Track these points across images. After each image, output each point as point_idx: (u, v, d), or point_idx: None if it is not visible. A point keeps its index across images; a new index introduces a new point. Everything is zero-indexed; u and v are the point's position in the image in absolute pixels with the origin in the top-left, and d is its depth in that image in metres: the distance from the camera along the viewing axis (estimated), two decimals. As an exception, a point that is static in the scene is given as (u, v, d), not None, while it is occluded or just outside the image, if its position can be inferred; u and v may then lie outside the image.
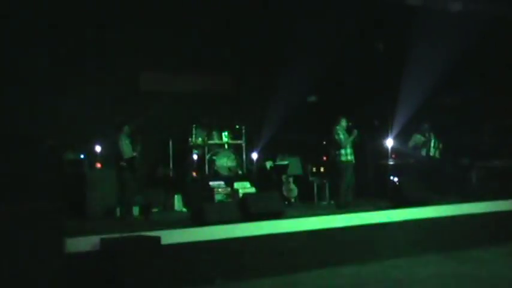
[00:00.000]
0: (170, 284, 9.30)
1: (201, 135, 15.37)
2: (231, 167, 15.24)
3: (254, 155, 16.18)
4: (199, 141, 15.31)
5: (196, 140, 15.30)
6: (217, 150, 15.43)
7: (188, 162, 15.37)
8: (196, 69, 16.32)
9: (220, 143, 15.64)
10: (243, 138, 15.76)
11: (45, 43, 13.66)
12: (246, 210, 11.17)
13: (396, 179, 15.53)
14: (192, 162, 15.30)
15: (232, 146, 15.75)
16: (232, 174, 15.15)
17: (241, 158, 15.64)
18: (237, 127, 15.72)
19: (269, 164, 15.91)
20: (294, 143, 16.66)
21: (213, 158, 15.14)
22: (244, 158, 15.79)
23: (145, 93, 15.76)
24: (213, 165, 15.07)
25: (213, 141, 15.51)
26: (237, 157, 15.42)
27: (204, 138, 15.29)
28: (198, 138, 15.33)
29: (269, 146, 16.37)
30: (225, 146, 15.66)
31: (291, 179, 15.49)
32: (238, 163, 15.43)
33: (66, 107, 13.52)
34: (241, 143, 15.75)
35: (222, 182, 14.17)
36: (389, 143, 15.36)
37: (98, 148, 14.14)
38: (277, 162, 15.92)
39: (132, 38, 15.17)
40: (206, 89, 16.60)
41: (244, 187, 14.21)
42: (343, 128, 13.66)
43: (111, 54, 14.86)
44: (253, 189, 14.20)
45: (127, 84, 15.50)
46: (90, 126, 14.22)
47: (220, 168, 15.08)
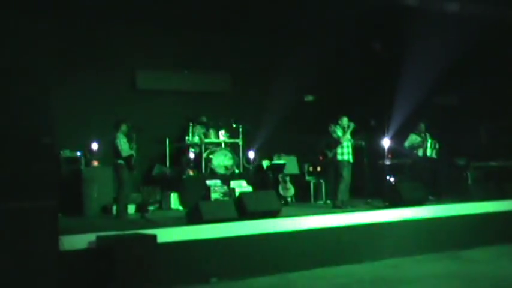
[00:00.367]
0: (166, 282, 9.30)
1: (200, 133, 15.37)
2: (228, 166, 15.24)
3: (251, 154, 16.20)
4: (196, 139, 15.31)
5: (193, 139, 15.31)
6: (214, 148, 15.43)
7: (185, 160, 15.38)
8: (194, 68, 16.31)
9: (217, 141, 15.64)
10: (240, 137, 15.77)
11: (43, 40, 13.67)
12: (242, 209, 11.17)
13: (393, 179, 15.55)
14: (188, 161, 15.31)
15: (229, 144, 15.74)
16: (229, 172, 15.15)
17: (238, 157, 15.65)
18: (234, 126, 15.72)
19: (266, 163, 15.92)
20: (291, 142, 16.66)
21: (210, 156, 15.14)
22: (241, 156, 15.80)
23: (142, 91, 15.74)
24: (209, 164, 15.07)
25: (210, 140, 15.51)
26: (234, 156, 15.42)
27: (202, 136, 15.29)
28: (195, 136, 15.34)
29: (266, 145, 16.38)
30: (222, 145, 15.66)
31: (288, 178, 15.50)
32: (235, 162, 15.43)
33: (63, 104, 13.49)
34: (238, 141, 15.77)
35: (218, 181, 14.17)
36: (386, 142, 15.36)
37: (95, 146, 14.13)
38: (273, 161, 15.92)
39: (129, 36, 15.18)
40: (203, 87, 16.58)
41: (240, 186, 14.21)
42: (341, 127, 13.66)
43: (109, 52, 14.85)
44: (249, 188, 14.21)
45: (124, 82, 15.50)
46: (87, 124, 14.22)
47: (217, 166, 15.08)
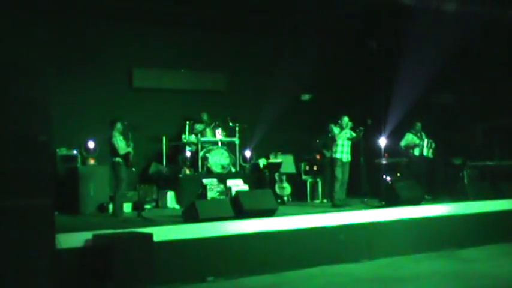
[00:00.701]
0: (162, 281, 9.30)
1: (200, 129, 15.36)
2: (224, 165, 15.23)
3: (247, 153, 16.20)
4: (192, 138, 15.30)
5: (190, 137, 15.31)
6: (211, 147, 15.42)
7: (181, 159, 15.37)
8: (191, 66, 16.30)
9: (214, 140, 15.63)
10: (237, 136, 15.77)
11: (39, 38, 13.64)
12: (239, 208, 11.18)
13: (389, 178, 15.55)
14: (185, 159, 15.30)
15: (225, 143, 15.74)
16: (226, 171, 15.15)
17: (234, 156, 15.64)
18: (231, 124, 15.71)
19: (262, 162, 15.93)
20: (288, 141, 16.66)
21: (207, 155, 15.13)
22: (237, 155, 15.80)
23: (139, 89, 15.73)
24: (206, 163, 15.06)
25: (207, 139, 15.50)
26: (230, 154, 15.41)
27: (200, 132, 15.29)
28: (192, 135, 15.33)
29: (262, 143, 16.38)
30: (219, 144, 15.65)
31: (284, 177, 15.51)
32: (232, 160, 15.43)
33: (60, 102, 13.46)
34: (235, 140, 15.76)
35: (215, 180, 14.17)
36: (383, 142, 15.37)
37: (91, 144, 14.11)
38: (270, 160, 15.92)
39: (126, 34, 15.17)
40: (200, 85, 16.57)
41: (237, 185, 14.21)
42: (340, 126, 13.66)
43: (105, 50, 14.84)
44: (246, 187, 14.20)
45: (121, 80, 15.48)
46: (83, 122, 14.20)
47: (213, 165, 15.07)
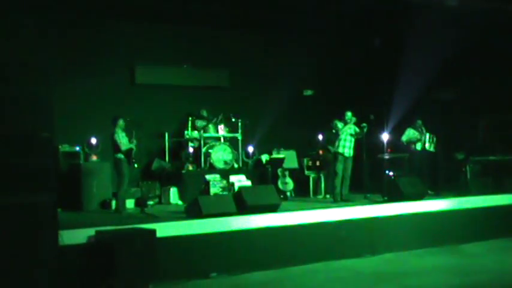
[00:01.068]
0: (165, 277, 9.32)
1: (201, 125, 15.37)
2: (227, 160, 15.24)
3: (250, 148, 16.20)
4: (195, 134, 15.32)
5: (192, 133, 15.32)
6: (213, 143, 15.43)
7: (184, 155, 15.38)
8: (193, 62, 16.30)
9: (216, 136, 15.65)
10: (239, 132, 15.77)
11: (42, 35, 13.63)
12: (241, 204, 11.19)
13: (391, 174, 15.55)
14: (188, 155, 15.31)
15: (228, 139, 15.75)
16: (228, 167, 15.15)
17: (237, 151, 15.65)
18: (233, 120, 15.72)
19: (265, 158, 15.92)
20: (290, 137, 16.66)
21: (209, 151, 15.14)
22: (240, 151, 15.81)
23: (141, 86, 15.74)
24: (209, 159, 15.07)
25: (209, 135, 15.52)
26: (233, 150, 15.42)
27: (202, 129, 15.30)
28: (194, 131, 15.34)
29: (265, 139, 16.39)
30: (221, 139, 15.66)
31: (287, 173, 15.51)
32: (234, 156, 15.43)
33: (62, 99, 13.49)
34: (237, 136, 15.77)
35: (217, 175, 14.15)
36: (385, 137, 15.36)
37: (94, 140, 14.12)
38: (273, 156, 15.92)
39: (128, 31, 15.17)
40: (202, 82, 16.57)
41: (240, 180, 14.21)
42: (344, 121, 13.68)
43: (108, 47, 14.85)
44: (248, 183, 14.19)
45: (123, 77, 15.49)
46: (86, 119, 14.22)
47: (216, 161, 15.08)
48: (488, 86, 16.38)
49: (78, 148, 14.08)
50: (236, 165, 15.47)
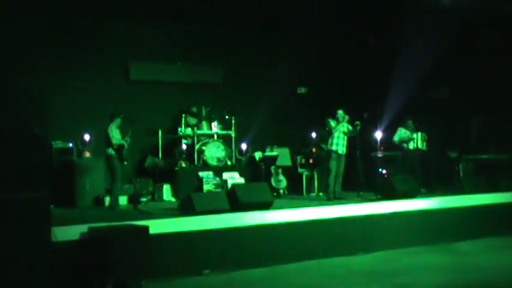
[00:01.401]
0: (159, 274, 9.31)
1: (193, 123, 15.37)
2: (220, 158, 15.24)
3: (243, 146, 16.20)
4: (188, 131, 15.30)
5: (186, 130, 15.31)
6: (207, 140, 15.42)
7: (177, 152, 15.37)
8: (187, 59, 16.28)
9: (210, 133, 15.64)
10: (233, 129, 15.77)
11: (35, 31, 13.60)
12: (234, 201, 11.18)
13: (384, 172, 15.58)
14: (181, 152, 15.30)
15: (221, 136, 15.74)
16: (221, 164, 15.16)
17: (230, 149, 15.65)
18: (227, 117, 15.72)
19: (258, 155, 15.92)
20: (284, 134, 16.67)
21: (203, 148, 15.14)
22: (233, 148, 15.80)
23: (135, 82, 15.71)
24: (202, 156, 15.07)
25: (203, 132, 15.51)
26: (226, 147, 15.42)
27: (195, 126, 15.29)
28: (188, 128, 15.33)
29: (258, 136, 16.39)
30: (215, 136, 15.66)
31: (280, 170, 15.53)
32: (228, 153, 15.43)
33: (56, 95, 13.46)
34: (231, 133, 15.77)
35: (211, 172, 14.16)
36: (378, 135, 15.38)
37: (87, 137, 14.09)
38: (266, 153, 15.93)
39: (122, 28, 15.14)
40: (196, 78, 16.56)
41: (233, 177, 14.21)
42: (337, 119, 13.69)
43: (102, 43, 14.82)
44: (242, 180, 14.20)
45: (117, 73, 15.46)
46: (79, 115, 14.18)
47: (209, 158, 15.08)
48: (482, 85, 16.43)
49: (71, 144, 14.05)
50: (229, 163, 15.48)
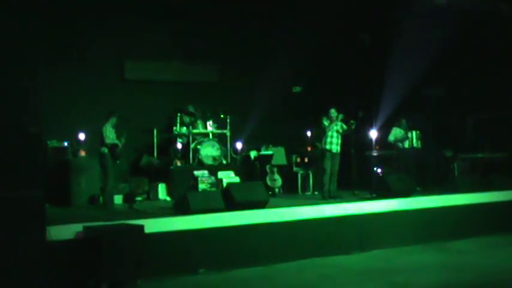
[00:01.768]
0: (154, 273, 9.30)
1: (188, 121, 15.35)
2: (216, 157, 15.22)
3: (238, 145, 16.18)
4: (183, 130, 15.28)
5: (181, 129, 15.29)
6: (202, 139, 15.41)
7: (173, 151, 15.35)
8: (182, 58, 16.27)
9: (205, 132, 15.63)
10: (228, 128, 15.75)
11: (30, 30, 13.59)
12: (230, 200, 11.18)
13: (380, 170, 15.59)
14: (176, 151, 15.28)
15: (216, 135, 15.73)
16: (217, 163, 15.13)
17: (225, 148, 15.64)
18: (222, 116, 15.70)
19: (253, 154, 15.92)
20: (279, 133, 16.66)
21: (198, 147, 15.13)
22: (228, 147, 15.79)
23: (131, 81, 15.69)
24: (197, 155, 15.06)
25: (198, 131, 15.50)
26: (222, 146, 15.40)
27: (190, 124, 15.28)
28: (183, 127, 15.31)
29: (254, 135, 16.38)
30: (210, 136, 15.64)
31: (275, 169, 15.53)
32: (223, 152, 15.42)
33: (51, 94, 13.45)
34: (226, 132, 15.75)
35: (206, 171, 14.15)
36: (373, 134, 15.39)
37: (82, 136, 14.07)
38: (261, 152, 15.92)
39: (117, 26, 15.11)
40: (191, 77, 16.54)
41: (228, 177, 14.20)
42: (330, 118, 13.69)
43: (97, 42, 14.79)
44: (237, 179, 14.19)
45: (112, 72, 15.44)
46: (74, 114, 14.15)
47: (204, 157, 15.06)
48: (477, 84, 16.45)
49: (66, 143, 14.03)
50: (225, 162, 15.46)
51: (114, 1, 14.29)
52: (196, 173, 13.99)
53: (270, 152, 15.90)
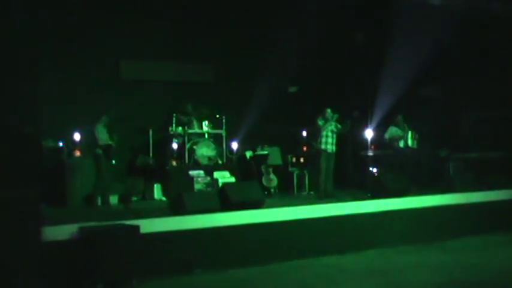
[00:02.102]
0: (149, 273, 9.30)
1: (185, 121, 15.34)
2: (211, 157, 15.23)
3: (234, 145, 16.17)
4: (179, 130, 15.27)
5: (177, 129, 15.27)
6: (198, 139, 15.41)
7: (168, 151, 15.33)
8: (178, 58, 16.25)
9: (201, 132, 15.62)
10: (223, 128, 15.75)
11: (26, 30, 13.53)
12: (225, 200, 11.18)
13: (375, 170, 15.60)
14: (172, 151, 15.27)
15: (212, 135, 15.73)
16: (212, 163, 15.13)
17: (221, 148, 15.63)
18: (218, 116, 15.70)
19: (249, 154, 15.92)
20: (274, 133, 16.66)
21: (193, 147, 15.12)
22: (224, 147, 15.79)
23: (126, 81, 15.67)
24: (193, 155, 15.05)
25: (193, 131, 15.49)
26: (217, 146, 15.41)
27: (187, 124, 15.27)
28: (179, 127, 15.30)
29: (249, 135, 16.37)
30: (205, 136, 15.63)
31: (271, 169, 15.52)
32: (218, 152, 15.42)
33: (46, 94, 13.40)
34: (222, 132, 15.75)
35: (201, 171, 14.16)
36: (369, 134, 15.40)
37: (77, 136, 14.04)
38: (257, 152, 15.92)
39: (113, 26, 15.09)
40: (187, 77, 16.53)
41: (224, 177, 14.20)
42: (325, 118, 13.70)
43: (92, 42, 14.76)
44: (233, 179, 14.20)
45: (108, 72, 15.41)
46: (70, 114, 14.12)
47: (200, 157, 15.06)
48: (471, 84, 16.48)
49: (61, 144, 14.00)
50: (220, 162, 15.45)
51: (109, 1, 14.25)
52: (191, 173, 13.99)
53: (265, 152, 15.90)
